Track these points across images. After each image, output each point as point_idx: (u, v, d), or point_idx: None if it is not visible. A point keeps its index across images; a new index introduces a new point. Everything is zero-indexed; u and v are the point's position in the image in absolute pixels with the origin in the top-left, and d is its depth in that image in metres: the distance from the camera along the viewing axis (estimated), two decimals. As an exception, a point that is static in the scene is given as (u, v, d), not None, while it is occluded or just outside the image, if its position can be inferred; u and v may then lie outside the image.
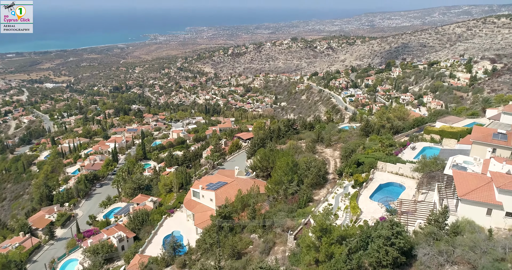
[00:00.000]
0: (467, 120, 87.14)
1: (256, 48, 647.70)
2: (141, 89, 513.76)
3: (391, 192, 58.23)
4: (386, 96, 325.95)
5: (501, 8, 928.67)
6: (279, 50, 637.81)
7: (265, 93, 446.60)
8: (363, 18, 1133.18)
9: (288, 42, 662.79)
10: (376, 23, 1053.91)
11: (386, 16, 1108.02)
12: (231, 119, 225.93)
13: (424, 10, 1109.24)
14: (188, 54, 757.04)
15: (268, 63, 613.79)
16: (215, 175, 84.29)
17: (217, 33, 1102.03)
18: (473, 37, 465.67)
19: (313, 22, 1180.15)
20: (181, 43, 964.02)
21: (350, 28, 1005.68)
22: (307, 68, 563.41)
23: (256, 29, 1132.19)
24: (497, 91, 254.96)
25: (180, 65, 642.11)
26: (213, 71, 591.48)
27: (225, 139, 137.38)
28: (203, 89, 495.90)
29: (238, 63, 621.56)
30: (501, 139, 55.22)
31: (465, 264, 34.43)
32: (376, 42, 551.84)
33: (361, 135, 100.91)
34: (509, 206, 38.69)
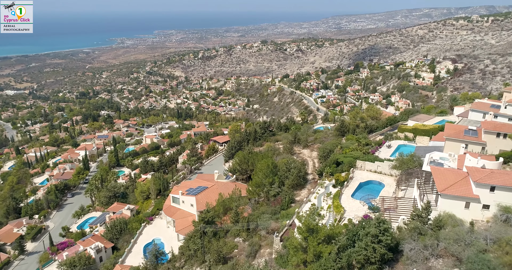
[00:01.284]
0: (437, 118, 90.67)
1: (227, 51, 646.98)
2: (109, 94, 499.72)
3: (371, 190, 59.51)
4: (356, 96, 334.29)
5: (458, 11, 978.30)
6: (249, 53, 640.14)
7: (237, 96, 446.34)
8: (330, 21, 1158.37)
9: (258, 45, 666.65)
10: (343, 26, 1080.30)
11: (352, 19, 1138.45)
12: (205, 123, 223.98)
13: (388, 13, 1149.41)
14: (157, 58, 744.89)
15: (239, 66, 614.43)
16: (195, 180, 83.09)
17: (186, 37, 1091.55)
18: (435, 38, 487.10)
19: (282, 25, 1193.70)
20: (150, 47, 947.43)
21: (318, 31, 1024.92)
22: (278, 71, 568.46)
23: (225, 32, 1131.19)
24: (459, 89, 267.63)
25: (150, 69, 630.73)
26: (184, 75, 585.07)
27: (201, 143, 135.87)
28: (174, 93, 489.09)
29: (209, 67, 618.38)
30: (472, 135, 57.85)
31: (449, 257, 35.63)
32: (344, 44, 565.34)
33: (337, 135, 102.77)
34: (486, 199, 40.44)
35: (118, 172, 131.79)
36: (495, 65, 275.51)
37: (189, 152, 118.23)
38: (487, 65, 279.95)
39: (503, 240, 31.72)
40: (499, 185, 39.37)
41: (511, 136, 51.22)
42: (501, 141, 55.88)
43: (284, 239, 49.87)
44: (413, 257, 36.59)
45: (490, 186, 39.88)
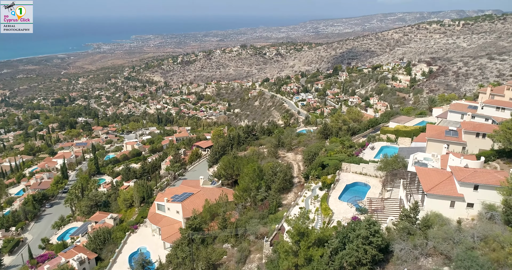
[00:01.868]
0: (416, 119, 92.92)
1: (206, 56, 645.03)
2: (86, 100, 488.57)
3: (357, 192, 60.22)
4: (336, 99, 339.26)
5: (431, 15, 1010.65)
6: (229, 57, 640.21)
7: (218, 101, 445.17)
8: (308, 25, 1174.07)
9: (238, 49, 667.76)
10: (320, 30, 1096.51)
11: (330, 23, 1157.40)
12: (187, 128, 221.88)
13: (364, 17, 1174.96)
14: (135, 63, 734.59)
15: (219, 70, 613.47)
16: (180, 186, 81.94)
17: (165, 41, 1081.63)
18: (410, 42, 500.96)
19: (261, 29, 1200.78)
20: (127, 52, 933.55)
21: (297, 35, 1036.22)
22: (258, 75, 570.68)
23: (204, 37, 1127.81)
24: (434, 91, 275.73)
25: (128, 75, 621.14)
26: (163, 80, 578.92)
27: (184, 148, 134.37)
28: (153, 98, 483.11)
29: (189, 71, 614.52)
30: (453, 136, 59.51)
31: (438, 255, 36.35)
32: (323, 48, 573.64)
33: (320, 138, 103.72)
34: (470, 197, 41.58)
35: (99, 180, 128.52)
36: (468, 67, 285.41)
37: (172, 158, 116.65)
38: (460, 67, 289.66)
39: (490, 237, 32.59)
40: (482, 184, 40.57)
41: (490, 135, 53.03)
42: (480, 141, 57.72)
43: (274, 243, 49.69)
44: (403, 257, 37.14)
45: (474, 185, 41.05)
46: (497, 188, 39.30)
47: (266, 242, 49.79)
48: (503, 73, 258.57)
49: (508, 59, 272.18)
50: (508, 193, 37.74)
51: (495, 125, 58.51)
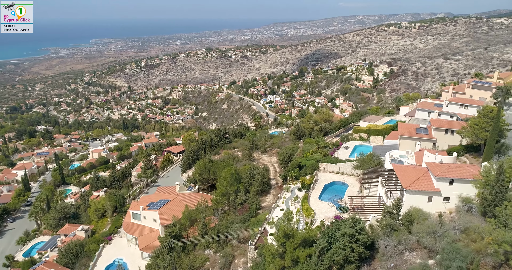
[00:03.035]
0: (385, 118, 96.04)
1: (171, 59, 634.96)
2: (45, 107, 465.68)
3: (336, 191, 61.20)
4: (303, 100, 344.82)
5: (388, 18, 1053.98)
6: (194, 60, 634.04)
7: (184, 105, 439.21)
8: (272, 28, 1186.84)
9: (203, 52, 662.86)
10: (284, 32, 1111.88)
11: (293, 26, 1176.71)
12: (155, 133, 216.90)
13: (325, 20, 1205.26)
14: (96, 67, 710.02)
15: (185, 74, 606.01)
16: (155, 194, 79.68)
17: (126, 45, 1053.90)
18: (370, 43, 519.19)
19: (225, 32, 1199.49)
20: (87, 56, 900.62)
21: (261, 37, 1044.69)
22: (224, 77, 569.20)
23: (167, 40, 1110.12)
24: (396, 90, 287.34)
25: (89, 80, 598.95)
26: (127, 85, 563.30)
27: (154, 154, 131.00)
28: (117, 104, 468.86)
29: (153, 75, 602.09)
30: (423, 133, 62.04)
31: (422, 249, 37.61)
32: (288, 50, 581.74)
33: (293, 139, 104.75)
34: (446, 191, 43.37)
35: (65, 191, 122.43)
36: (425, 67, 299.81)
37: (144, 165, 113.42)
38: (419, 67, 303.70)
39: (471, 229, 34.10)
40: (457, 178, 42.46)
41: (459, 131, 55.74)
42: (449, 137, 60.60)
43: (258, 246, 49.41)
44: (389, 252, 38.09)
45: (449, 179, 42.87)
46: (471, 181, 41.27)
47: (251, 246, 49.42)
48: (458, 72, 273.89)
49: (461, 59, 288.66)
50: (482, 186, 39.73)
51: (462, 122, 61.62)
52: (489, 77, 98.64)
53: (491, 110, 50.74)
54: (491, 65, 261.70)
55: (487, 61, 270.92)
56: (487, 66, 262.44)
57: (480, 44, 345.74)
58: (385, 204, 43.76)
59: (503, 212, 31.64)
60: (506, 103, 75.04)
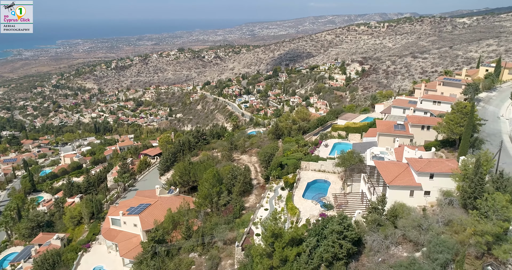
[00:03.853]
0: (361, 115, 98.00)
1: (142, 60, 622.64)
2: (9, 112, 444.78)
3: (319, 189, 61.79)
4: (277, 100, 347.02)
5: (357, 17, 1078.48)
6: (166, 61, 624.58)
7: (158, 106, 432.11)
8: (244, 28, 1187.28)
9: (175, 52, 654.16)
10: (256, 32, 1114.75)
11: (265, 26, 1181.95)
12: (130, 136, 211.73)
13: (297, 20, 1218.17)
14: (64, 69, 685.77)
15: (157, 75, 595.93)
16: (134, 198, 77.69)
17: (95, 46, 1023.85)
18: (342, 43, 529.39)
19: (197, 33, 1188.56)
20: (54, 58, 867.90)
21: (233, 38, 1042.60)
22: (198, 78, 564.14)
23: (138, 41, 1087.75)
24: (368, 88, 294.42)
25: (56, 82, 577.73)
26: (97, 87, 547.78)
27: (131, 157, 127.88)
28: (87, 106, 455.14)
29: (124, 77, 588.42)
30: (401, 129, 63.76)
31: (408, 243, 38.59)
32: (261, 50, 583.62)
33: (272, 138, 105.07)
34: (427, 186, 44.73)
35: (37, 199, 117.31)
36: (395, 65, 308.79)
37: (120, 169, 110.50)
38: (389, 65, 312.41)
39: (454, 221, 35.28)
40: (437, 172, 43.88)
41: (435, 127, 57.67)
42: (426, 133, 62.60)
43: (245, 247, 49.15)
44: (376, 247, 38.83)
45: (430, 174, 44.24)
46: (451, 175, 42.73)
47: (238, 247, 49.08)
48: (426, 70, 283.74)
49: (429, 57, 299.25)
50: (461, 179, 41.23)
51: (437, 118, 63.77)
52: (458, 74, 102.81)
53: (464, 106, 52.81)
54: (456, 63, 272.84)
55: (453, 59, 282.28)
56: (453, 64, 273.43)
57: (445, 43, 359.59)
58: (370, 200, 44.53)
59: (483, 204, 32.93)
60: (475, 99, 78.34)
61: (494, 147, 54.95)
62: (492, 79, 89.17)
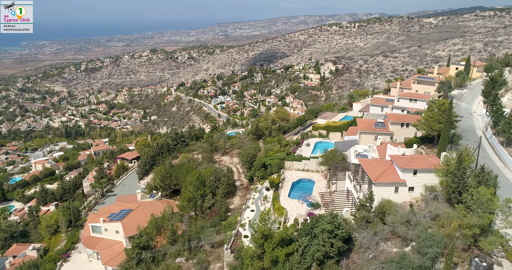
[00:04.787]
0: (340, 114, 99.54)
1: (114, 62, 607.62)
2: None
3: (304, 188, 62.20)
4: (253, 100, 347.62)
5: (329, 18, 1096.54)
6: (139, 62, 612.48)
7: (132, 108, 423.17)
8: (217, 28, 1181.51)
9: (148, 54, 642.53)
10: (229, 33, 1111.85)
11: (238, 26, 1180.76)
12: (104, 140, 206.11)
13: (269, 20, 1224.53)
14: (30, 72, 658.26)
15: (129, 76, 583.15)
16: (115, 204, 75.54)
17: (63, 48, 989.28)
18: (315, 43, 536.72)
19: (169, 33, 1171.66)
20: (18, 60, 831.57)
21: (206, 38, 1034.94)
22: (171, 79, 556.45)
23: (108, 42, 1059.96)
24: (342, 87, 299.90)
25: (22, 86, 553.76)
26: (66, 90, 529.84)
27: (107, 162, 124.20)
28: (57, 110, 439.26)
29: (95, 79, 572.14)
30: (381, 127, 65.18)
31: (396, 238, 39.38)
32: (235, 50, 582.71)
33: (253, 139, 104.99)
34: (411, 182, 45.85)
35: (8, 208, 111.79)
36: (367, 64, 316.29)
37: (96, 174, 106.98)
38: (361, 65, 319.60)
39: (441, 216, 36.32)
40: (421, 168, 45.09)
41: (414, 124, 59.35)
42: (405, 130, 64.28)
43: (234, 250, 48.75)
44: (366, 244, 39.38)
45: (413, 170, 45.39)
46: (434, 171, 44.02)
47: (227, 250, 48.61)
48: (397, 68, 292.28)
49: (399, 56, 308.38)
50: (444, 174, 42.54)
51: (417, 115, 65.66)
52: (430, 72, 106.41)
53: (442, 103, 54.59)
54: (425, 61, 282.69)
55: (422, 58, 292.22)
56: (422, 63, 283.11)
57: (414, 42, 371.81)
58: (358, 198, 45.16)
59: (469, 198, 34.09)
60: (448, 96, 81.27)
61: (470, 142, 57.19)
62: (463, 77, 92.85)
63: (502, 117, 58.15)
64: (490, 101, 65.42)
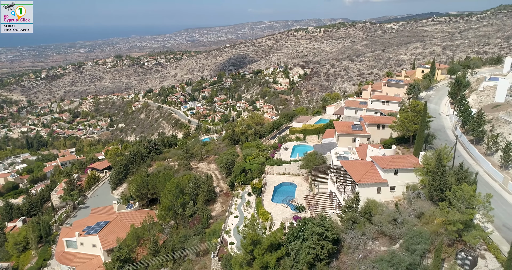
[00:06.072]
0: (315, 117, 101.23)
1: (76, 69, 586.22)
2: None
3: (286, 192, 62.43)
4: (224, 105, 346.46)
5: (294, 23, 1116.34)
6: (103, 69, 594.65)
7: (97, 117, 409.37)
8: (183, 34, 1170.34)
9: (113, 60, 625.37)
10: (196, 38, 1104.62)
11: (204, 31, 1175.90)
12: (70, 150, 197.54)
13: (236, 26, 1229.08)
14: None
15: (93, 84, 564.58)
16: (90, 216, 72.41)
17: (20, 55, 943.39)
18: (282, 47, 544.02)
19: (134, 39, 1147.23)
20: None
21: (173, 44, 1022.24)
22: (138, 86, 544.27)
23: (69, 48, 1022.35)
24: (311, 91, 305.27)
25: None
26: (25, 99, 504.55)
27: (77, 173, 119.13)
28: (16, 120, 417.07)
29: (57, 87, 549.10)
30: (358, 129, 66.77)
31: (383, 237, 40.28)
32: (203, 56, 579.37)
33: (229, 144, 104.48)
34: (392, 181, 47.19)
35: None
36: (335, 68, 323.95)
37: (66, 186, 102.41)
38: (329, 69, 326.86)
39: (426, 213, 37.55)
40: (401, 168, 46.53)
41: (390, 126, 61.31)
42: (381, 131, 66.22)
43: (222, 257, 47.99)
44: (354, 245, 40.02)
45: (394, 170, 46.76)
46: (414, 170, 45.55)
47: (214, 258, 47.76)
48: (363, 72, 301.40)
49: (364, 60, 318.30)
50: (423, 173, 44.12)
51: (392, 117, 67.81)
52: (398, 75, 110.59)
53: (416, 104, 56.76)
54: (389, 65, 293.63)
55: (386, 61, 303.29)
56: (386, 66, 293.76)
57: (377, 46, 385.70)
58: (344, 200, 45.84)
59: (452, 195, 35.51)
60: (418, 98, 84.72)
61: (441, 141, 59.85)
62: (429, 79, 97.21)
63: (470, 117, 61.22)
64: (458, 102, 68.79)
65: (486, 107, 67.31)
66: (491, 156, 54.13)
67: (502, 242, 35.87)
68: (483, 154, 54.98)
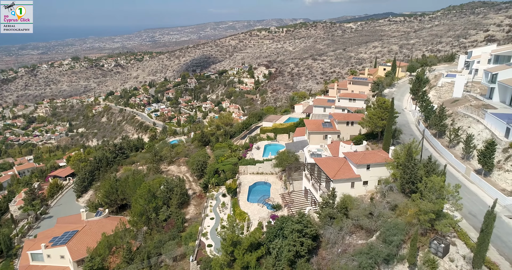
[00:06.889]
0: (284, 116, 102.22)
1: (30, 72, 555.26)
2: None
3: (260, 191, 62.58)
4: (189, 106, 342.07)
5: (256, 23, 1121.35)
6: (59, 71, 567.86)
7: (55, 122, 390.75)
8: (144, 34, 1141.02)
9: (69, 62, 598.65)
10: (157, 39, 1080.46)
11: (165, 32, 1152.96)
12: (28, 158, 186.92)
13: (198, 26, 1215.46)
14: None
15: (49, 87, 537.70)
16: (56, 226, 68.96)
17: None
18: (246, 47, 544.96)
19: (91, 40, 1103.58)
20: None
21: (133, 44, 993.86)
22: (98, 88, 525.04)
23: (20, 50, 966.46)
24: (277, 90, 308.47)
25: None
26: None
27: (37, 181, 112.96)
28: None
29: (8, 91, 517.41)
30: (329, 127, 68.24)
31: (360, 231, 41.46)
32: (165, 57, 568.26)
33: (199, 146, 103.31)
34: (365, 176, 48.62)
35: None
36: (298, 67, 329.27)
37: (26, 196, 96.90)
38: (293, 68, 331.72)
39: (400, 205, 39.07)
40: (373, 163, 48.07)
41: (359, 122, 63.16)
42: (350, 128, 68.06)
43: (200, 261, 47.33)
44: (332, 240, 40.90)
45: (367, 165, 48.22)
46: (385, 164, 47.22)
47: (192, 262, 47.02)
48: (326, 70, 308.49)
49: (327, 59, 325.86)
50: (394, 167, 45.86)
51: (361, 114, 69.88)
52: (361, 73, 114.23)
53: (383, 101, 58.89)
54: (351, 63, 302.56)
55: (347, 60, 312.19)
56: (348, 64, 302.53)
57: (338, 45, 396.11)
58: (321, 196, 46.62)
59: (423, 186, 37.21)
60: (382, 95, 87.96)
61: (407, 136, 62.64)
62: (391, 77, 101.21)
63: (432, 112, 64.35)
64: (419, 98, 72.10)
65: (445, 102, 71.02)
66: (453, 148, 57.18)
67: (470, 229, 38.02)
68: (446, 146, 57.97)
